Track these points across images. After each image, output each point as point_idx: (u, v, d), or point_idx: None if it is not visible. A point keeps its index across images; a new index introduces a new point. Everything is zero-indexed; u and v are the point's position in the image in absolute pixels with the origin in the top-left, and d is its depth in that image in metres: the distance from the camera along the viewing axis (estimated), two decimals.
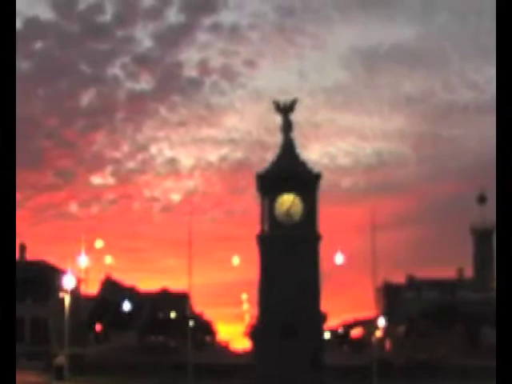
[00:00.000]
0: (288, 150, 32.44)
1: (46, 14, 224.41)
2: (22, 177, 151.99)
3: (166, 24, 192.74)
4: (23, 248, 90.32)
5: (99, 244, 64.08)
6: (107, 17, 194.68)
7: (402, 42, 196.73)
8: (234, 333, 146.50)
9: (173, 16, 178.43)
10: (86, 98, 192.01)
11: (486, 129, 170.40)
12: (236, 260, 60.80)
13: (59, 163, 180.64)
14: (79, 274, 68.87)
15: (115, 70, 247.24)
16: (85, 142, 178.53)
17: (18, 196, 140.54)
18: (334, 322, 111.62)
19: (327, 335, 71.38)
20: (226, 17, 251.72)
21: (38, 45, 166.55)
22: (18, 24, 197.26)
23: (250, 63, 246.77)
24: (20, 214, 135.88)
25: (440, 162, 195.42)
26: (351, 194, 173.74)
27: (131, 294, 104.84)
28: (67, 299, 48.74)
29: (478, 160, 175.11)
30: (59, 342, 61.54)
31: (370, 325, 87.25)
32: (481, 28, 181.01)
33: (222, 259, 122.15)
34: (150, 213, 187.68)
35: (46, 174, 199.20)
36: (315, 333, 30.76)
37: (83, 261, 58.17)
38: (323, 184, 32.51)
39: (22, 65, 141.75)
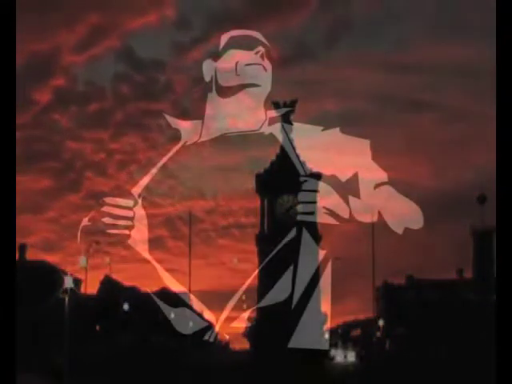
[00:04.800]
0: (288, 150, 32.34)
1: (103, 82, 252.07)
2: (64, 200, 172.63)
3: (203, 90, 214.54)
4: (23, 248, 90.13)
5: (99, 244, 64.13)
6: (160, 86, 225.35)
7: (408, 93, 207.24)
8: (233, 333, 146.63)
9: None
10: (129, 140, 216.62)
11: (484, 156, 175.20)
12: (235, 261, 60.96)
13: (96, 189, 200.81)
14: (79, 274, 68.99)
15: (159, 121, 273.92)
16: (122, 173, 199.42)
17: (53, 214, 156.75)
18: (333, 322, 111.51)
19: (327, 335, 71.21)
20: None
21: (95, 105, 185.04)
22: (80, 87, 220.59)
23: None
24: (51, 229, 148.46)
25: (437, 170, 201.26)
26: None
27: (131, 293, 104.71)
28: (67, 299, 48.67)
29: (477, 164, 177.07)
30: (59, 342, 61.46)
31: (369, 325, 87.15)
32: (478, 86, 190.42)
33: (227, 264, 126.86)
34: (173, 228, 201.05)
35: (83, 197, 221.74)
36: (315, 333, 30.71)
37: (83, 261, 58.29)
38: None
39: (80, 118, 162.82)
